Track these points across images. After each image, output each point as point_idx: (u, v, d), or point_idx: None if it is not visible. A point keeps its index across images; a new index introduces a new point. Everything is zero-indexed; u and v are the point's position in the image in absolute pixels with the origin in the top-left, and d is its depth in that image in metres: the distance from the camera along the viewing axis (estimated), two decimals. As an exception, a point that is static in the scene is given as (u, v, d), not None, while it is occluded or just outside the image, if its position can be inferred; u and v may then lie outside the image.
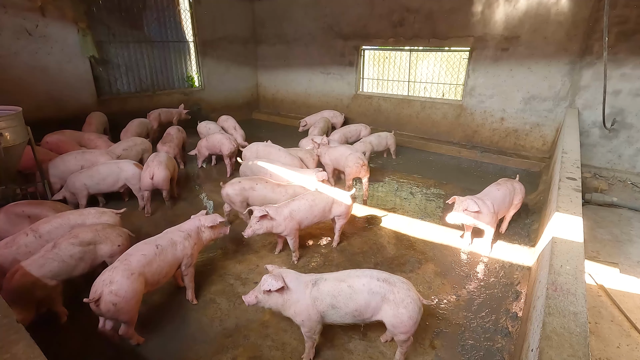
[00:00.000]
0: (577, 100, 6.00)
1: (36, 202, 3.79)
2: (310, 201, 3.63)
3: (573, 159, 3.81)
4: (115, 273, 2.48)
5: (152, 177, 4.42)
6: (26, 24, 6.33)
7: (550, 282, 1.94)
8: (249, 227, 3.35)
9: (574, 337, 1.58)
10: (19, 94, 6.24)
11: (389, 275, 2.41)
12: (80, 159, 4.85)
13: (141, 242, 2.85)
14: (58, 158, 4.87)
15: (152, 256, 2.71)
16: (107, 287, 2.41)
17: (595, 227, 4.27)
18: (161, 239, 2.91)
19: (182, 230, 3.07)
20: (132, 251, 2.72)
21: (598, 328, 2.78)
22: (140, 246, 2.78)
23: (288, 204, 3.59)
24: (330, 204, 3.73)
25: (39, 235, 3.08)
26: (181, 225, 3.15)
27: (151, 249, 2.75)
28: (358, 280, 2.37)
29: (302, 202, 3.61)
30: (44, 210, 3.61)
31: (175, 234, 3.00)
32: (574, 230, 2.45)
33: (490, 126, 7.03)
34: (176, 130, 6.33)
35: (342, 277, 2.43)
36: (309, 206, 3.60)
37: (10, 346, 1.51)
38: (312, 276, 2.50)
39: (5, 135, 3.94)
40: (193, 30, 8.87)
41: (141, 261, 2.63)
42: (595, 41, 5.60)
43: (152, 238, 2.91)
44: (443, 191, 5.53)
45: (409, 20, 7.44)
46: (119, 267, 2.52)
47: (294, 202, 3.60)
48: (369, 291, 2.32)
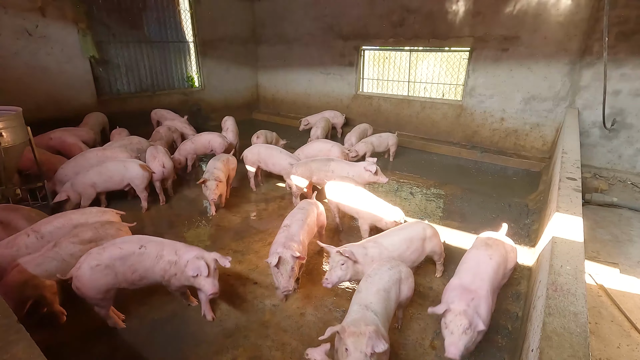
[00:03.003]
0: (577, 100, 6.00)
1: (11, 206, 3.61)
2: (406, 235, 3.04)
3: (573, 159, 3.81)
4: (85, 258, 2.59)
5: (164, 166, 4.86)
6: (26, 24, 6.33)
7: (551, 282, 1.94)
8: (332, 274, 2.70)
9: (574, 337, 1.58)
10: (19, 94, 6.24)
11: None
12: (101, 156, 4.90)
13: (136, 236, 2.87)
14: (79, 155, 4.96)
15: (129, 254, 2.65)
16: (74, 271, 2.55)
17: (596, 227, 4.27)
18: (153, 243, 2.76)
19: (177, 254, 2.72)
20: (118, 241, 2.75)
21: (598, 328, 2.78)
22: (129, 239, 2.80)
23: (376, 240, 2.98)
24: (424, 237, 3.10)
25: (40, 235, 3.07)
26: (182, 249, 2.75)
27: (133, 247, 2.69)
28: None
29: (394, 237, 3.01)
30: (17, 216, 3.44)
31: (168, 251, 2.73)
32: (574, 231, 2.45)
33: (490, 126, 7.03)
34: (166, 130, 6.49)
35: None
36: (407, 241, 3.00)
37: (10, 346, 1.51)
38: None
39: (4, 136, 3.94)
40: (193, 31, 8.88)
41: (114, 255, 2.61)
42: (595, 41, 5.60)
43: (150, 238, 2.85)
44: (443, 191, 5.53)
45: (408, 21, 7.44)
46: (92, 253, 2.61)
47: (384, 239, 2.99)
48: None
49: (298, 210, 3.48)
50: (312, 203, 3.66)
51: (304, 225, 3.26)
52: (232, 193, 5.43)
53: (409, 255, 3.01)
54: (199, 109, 9.03)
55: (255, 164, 5.35)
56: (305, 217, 3.37)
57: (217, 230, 4.33)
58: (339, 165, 4.62)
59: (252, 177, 5.48)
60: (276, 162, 5.16)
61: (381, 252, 2.88)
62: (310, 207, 3.58)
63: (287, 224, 3.23)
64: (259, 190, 5.54)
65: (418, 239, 3.09)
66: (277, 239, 3.05)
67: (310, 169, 4.66)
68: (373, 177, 4.37)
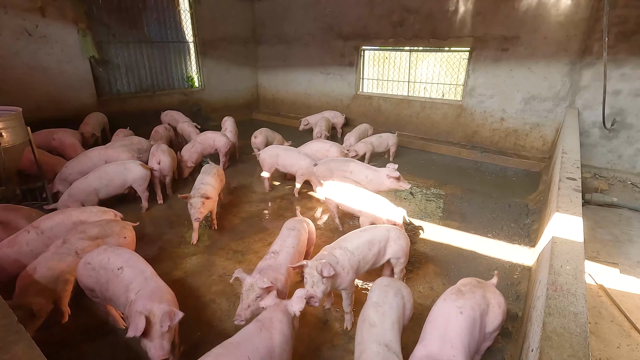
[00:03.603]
0: (577, 100, 6.00)
1: (11, 207, 3.59)
2: (368, 237, 2.93)
3: (573, 159, 3.81)
4: (89, 252, 2.69)
5: (159, 163, 4.89)
6: (26, 25, 6.33)
7: (551, 282, 1.94)
8: (317, 290, 2.43)
9: (574, 337, 1.58)
10: (19, 94, 6.25)
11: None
12: (103, 155, 4.90)
13: (128, 253, 2.66)
14: (82, 155, 4.96)
15: (109, 269, 2.51)
16: None
17: (595, 227, 4.27)
18: (132, 270, 2.47)
19: (137, 294, 2.29)
20: (116, 250, 2.65)
21: (598, 328, 2.78)
22: (122, 253, 2.62)
23: (342, 247, 2.80)
24: (387, 239, 2.98)
25: (40, 231, 3.07)
26: (144, 293, 2.28)
27: (116, 263, 2.52)
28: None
29: (358, 240, 2.88)
30: (17, 216, 3.43)
31: (136, 285, 2.36)
32: (574, 231, 2.45)
33: (490, 126, 7.03)
34: (163, 129, 6.58)
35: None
36: (369, 243, 2.89)
37: (10, 346, 1.51)
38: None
39: (4, 136, 3.95)
40: (193, 31, 8.88)
41: (102, 262, 2.55)
42: (595, 41, 5.60)
43: (137, 261, 2.57)
44: (443, 191, 5.53)
45: (408, 21, 7.44)
46: (92, 252, 2.67)
47: (349, 243, 2.85)
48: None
49: (288, 233, 3.05)
50: (303, 222, 3.27)
51: (294, 254, 2.88)
52: (232, 193, 5.44)
53: (371, 257, 2.88)
54: (199, 109, 9.03)
55: (273, 166, 5.25)
56: (297, 243, 2.96)
57: (217, 231, 4.32)
58: (358, 167, 4.45)
59: (267, 179, 5.38)
60: (294, 162, 5.09)
61: (350, 258, 2.72)
62: (302, 227, 3.18)
63: (276, 251, 2.83)
64: (259, 191, 5.54)
65: (379, 240, 2.93)
66: (259, 266, 2.70)
67: (329, 168, 4.59)
68: (395, 184, 4.15)
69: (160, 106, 8.47)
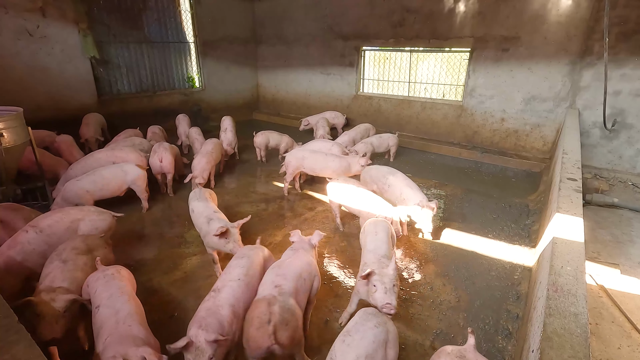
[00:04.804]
0: (578, 100, 6.00)
1: (13, 206, 3.57)
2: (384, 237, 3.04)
3: (574, 159, 3.81)
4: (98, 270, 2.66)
5: (161, 160, 4.94)
6: (27, 25, 6.34)
7: (551, 282, 1.94)
8: (392, 297, 2.29)
9: (575, 338, 1.58)
10: (20, 95, 6.26)
11: None
12: (111, 156, 4.90)
13: (115, 286, 2.42)
14: (88, 156, 4.98)
15: (94, 302, 2.35)
16: None
17: (596, 228, 4.27)
18: (108, 310, 2.21)
19: (106, 341, 2.01)
20: (107, 281, 2.46)
21: (599, 329, 2.78)
22: (110, 286, 2.41)
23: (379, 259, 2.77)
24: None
25: (39, 229, 3.06)
26: (114, 338, 2.01)
27: (100, 299, 2.33)
28: None
29: (384, 245, 2.95)
30: (17, 216, 3.40)
31: (107, 330, 2.08)
32: (574, 231, 2.45)
33: (490, 127, 7.03)
34: (159, 130, 6.73)
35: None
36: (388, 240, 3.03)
37: (10, 346, 1.51)
38: None
39: (5, 136, 3.95)
40: (193, 31, 8.88)
41: (91, 289, 2.47)
42: (596, 41, 5.60)
43: (119, 299, 2.30)
44: (444, 192, 5.53)
45: (409, 21, 7.44)
46: (95, 273, 2.62)
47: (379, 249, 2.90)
48: None
49: (236, 263, 2.63)
50: (256, 249, 2.85)
51: (242, 287, 2.42)
52: (232, 193, 5.44)
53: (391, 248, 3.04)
54: (200, 109, 9.03)
55: (299, 168, 5.13)
56: (245, 273, 2.52)
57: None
58: (397, 180, 4.24)
59: (288, 182, 5.22)
60: (322, 165, 4.99)
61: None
62: (254, 254, 2.75)
63: (217, 288, 2.38)
64: (258, 191, 5.54)
65: (392, 235, 3.22)
66: (198, 310, 2.24)
67: (371, 176, 4.50)
68: (421, 213, 3.88)
69: (160, 106, 8.49)
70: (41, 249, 2.98)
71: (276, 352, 2.12)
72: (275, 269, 2.55)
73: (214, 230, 3.16)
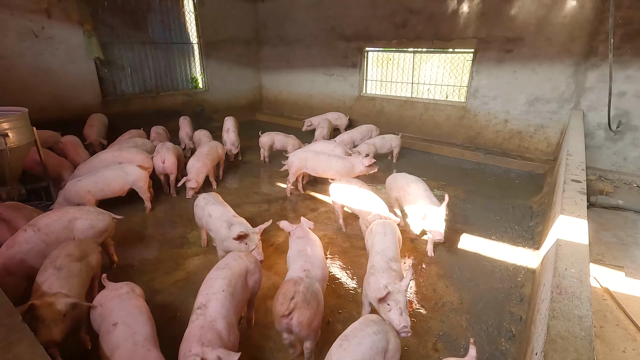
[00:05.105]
0: (582, 101, 5.96)
1: (17, 205, 3.60)
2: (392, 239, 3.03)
3: (578, 161, 3.78)
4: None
5: (164, 162, 4.96)
6: (32, 26, 6.39)
7: (555, 285, 1.92)
8: (407, 318, 2.21)
9: (579, 340, 1.56)
10: (24, 95, 6.31)
11: None
12: (117, 157, 4.91)
13: (129, 306, 2.33)
14: (94, 157, 5.02)
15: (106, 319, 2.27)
16: None
17: (600, 230, 4.23)
18: (124, 328, 2.14)
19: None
20: (122, 304, 2.35)
21: (603, 332, 2.75)
22: (124, 308, 2.30)
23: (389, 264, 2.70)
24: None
25: (37, 228, 3.06)
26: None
27: (116, 317, 2.24)
28: None
29: (393, 247, 2.93)
30: (19, 216, 3.42)
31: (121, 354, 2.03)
32: (578, 233, 2.43)
33: (493, 128, 7.00)
34: (162, 130, 6.75)
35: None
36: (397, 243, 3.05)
37: (13, 346, 1.52)
38: None
39: (10, 136, 3.98)
40: (197, 32, 8.92)
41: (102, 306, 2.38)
42: (600, 43, 5.57)
43: (133, 319, 2.20)
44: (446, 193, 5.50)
45: (411, 22, 7.44)
46: (105, 291, 2.53)
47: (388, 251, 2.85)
48: None
49: (216, 275, 2.45)
50: (239, 258, 2.68)
51: (229, 298, 2.30)
52: (234, 193, 5.44)
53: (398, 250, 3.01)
54: (202, 109, 9.07)
55: (302, 169, 5.11)
56: (228, 285, 2.37)
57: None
58: (417, 188, 4.04)
59: (290, 183, 5.23)
60: (325, 166, 4.96)
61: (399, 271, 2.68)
62: (236, 264, 2.58)
63: (202, 304, 2.23)
64: (261, 191, 5.55)
65: (399, 238, 3.15)
66: (190, 331, 2.09)
67: (396, 185, 4.31)
68: (433, 226, 3.61)
69: (164, 107, 8.52)
70: (39, 248, 2.98)
71: (293, 330, 2.21)
72: (304, 256, 2.69)
73: (235, 235, 3.05)
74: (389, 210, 3.74)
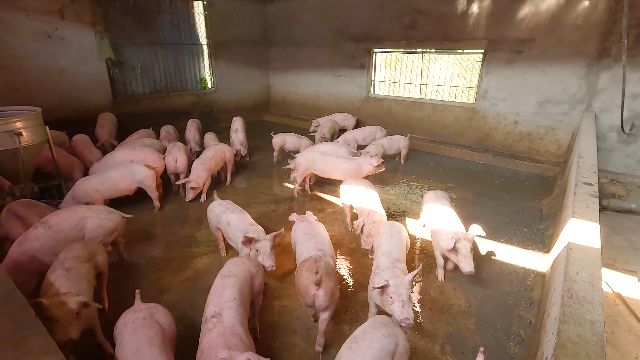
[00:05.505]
0: (594, 103, 5.87)
1: (30, 202, 3.66)
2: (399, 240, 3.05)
3: (589, 163, 3.73)
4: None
5: (176, 161, 5.10)
6: (46, 27, 6.51)
7: (566, 289, 1.90)
8: (410, 310, 2.28)
9: (590, 346, 1.54)
10: (37, 95, 6.41)
11: None
12: (130, 156, 4.98)
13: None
14: (108, 155, 5.13)
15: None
16: None
17: (612, 234, 4.16)
18: (143, 344, 2.00)
19: None
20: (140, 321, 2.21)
21: (615, 338, 2.70)
22: (142, 325, 2.14)
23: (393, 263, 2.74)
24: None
25: (48, 226, 3.11)
26: None
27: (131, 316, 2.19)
28: None
29: (398, 247, 2.95)
30: (32, 213, 3.47)
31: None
32: (590, 237, 2.39)
33: (503, 129, 6.93)
34: (172, 130, 6.83)
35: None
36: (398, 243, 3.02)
37: (27, 340, 1.55)
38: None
39: (24, 135, 4.05)
40: (206, 33, 8.99)
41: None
42: (613, 43, 5.48)
43: (147, 339, 2.03)
44: (455, 195, 5.46)
45: (420, 23, 7.40)
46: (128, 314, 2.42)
47: (384, 247, 2.94)
48: None
49: (223, 283, 2.43)
50: (244, 264, 2.65)
51: (240, 306, 2.29)
52: (242, 193, 5.47)
53: (405, 253, 3.02)
54: (211, 110, 9.13)
55: (309, 170, 5.12)
56: (238, 293, 2.36)
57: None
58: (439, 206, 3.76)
59: (298, 183, 5.23)
60: (333, 167, 4.95)
61: (403, 269, 2.72)
62: (241, 271, 2.56)
63: (215, 313, 2.19)
64: (268, 191, 5.57)
65: (405, 238, 3.16)
66: (210, 339, 2.01)
67: (430, 196, 4.02)
68: (457, 247, 3.17)
69: (173, 107, 8.61)
70: (49, 245, 3.03)
71: (319, 300, 2.45)
72: (313, 237, 3.01)
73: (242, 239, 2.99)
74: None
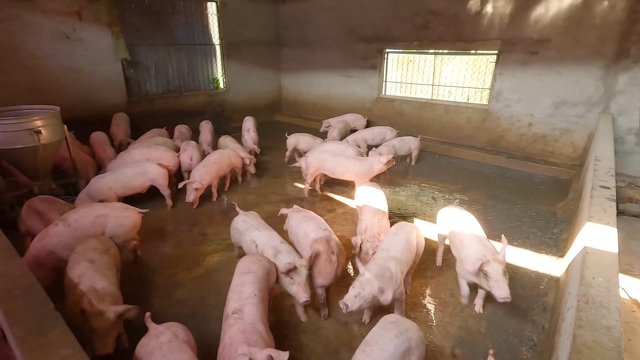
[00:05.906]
0: (612, 105, 5.74)
1: (50, 199, 3.76)
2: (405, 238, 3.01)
3: (607, 166, 3.65)
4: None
5: (191, 159, 5.24)
6: (64, 28, 6.67)
7: (582, 294, 1.87)
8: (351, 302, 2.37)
9: (607, 352, 1.51)
10: (55, 94, 6.56)
11: None
12: (146, 154, 5.08)
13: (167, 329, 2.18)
14: (124, 152, 5.26)
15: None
16: None
17: (629, 239, 4.07)
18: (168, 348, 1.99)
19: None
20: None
21: (631, 345, 2.64)
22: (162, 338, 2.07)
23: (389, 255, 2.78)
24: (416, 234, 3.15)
25: (67, 224, 3.19)
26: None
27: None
28: None
29: (399, 245, 2.92)
30: (52, 209, 3.57)
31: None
32: (607, 241, 2.34)
33: (517, 131, 6.83)
34: (186, 129, 6.93)
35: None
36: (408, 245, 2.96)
37: (47, 332, 1.59)
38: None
39: (43, 133, 4.16)
40: (219, 34, 9.09)
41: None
42: (632, 44, 5.35)
43: (170, 344, 2.01)
44: (466, 197, 5.41)
45: (433, 23, 7.35)
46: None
47: (392, 250, 2.84)
48: None
49: (242, 280, 2.46)
50: (260, 260, 2.71)
51: (260, 303, 2.33)
52: (253, 193, 5.51)
53: (410, 256, 2.93)
54: (223, 110, 9.22)
55: (319, 170, 5.12)
56: (258, 290, 2.41)
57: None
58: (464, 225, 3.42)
59: (308, 183, 5.24)
60: (343, 168, 4.94)
61: (402, 267, 2.76)
62: (258, 268, 2.59)
63: (237, 309, 2.23)
64: (279, 191, 5.60)
65: (414, 237, 3.07)
66: (231, 335, 2.06)
67: (447, 215, 3.71)
68: (487, 271, 2.74)
69: (186, 107, 8.72)
70: (67, 242, 3.10)
71: (336, 276, 2.84)
72: (312, 219, 3.31)
73: (280, 266, 2.73)
74: None
